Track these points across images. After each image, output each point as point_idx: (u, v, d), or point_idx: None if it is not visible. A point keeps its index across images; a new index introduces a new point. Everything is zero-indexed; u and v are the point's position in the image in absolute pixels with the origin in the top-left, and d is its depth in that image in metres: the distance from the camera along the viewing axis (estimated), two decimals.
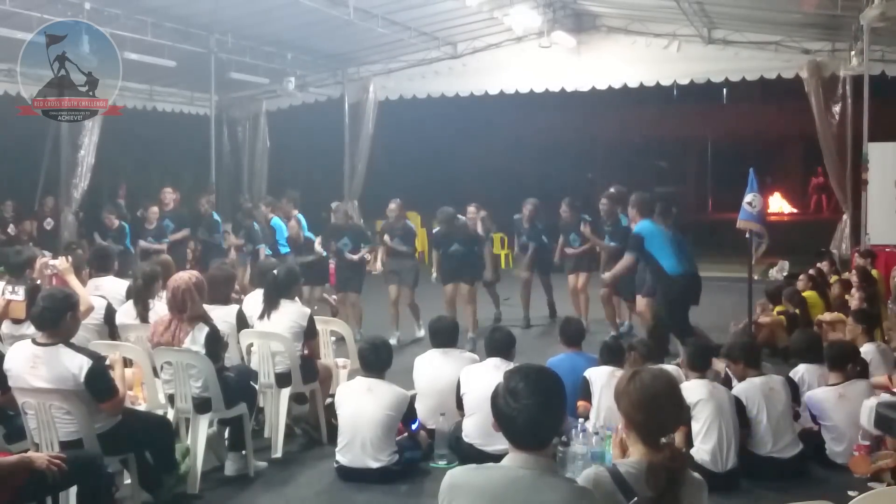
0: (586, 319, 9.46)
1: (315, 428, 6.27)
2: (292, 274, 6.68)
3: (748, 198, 8.14)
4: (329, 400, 6.24)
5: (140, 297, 6.28)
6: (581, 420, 5.34)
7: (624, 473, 2.81)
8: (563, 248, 10.39)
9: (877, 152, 11.40)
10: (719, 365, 6.29)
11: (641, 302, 8.74)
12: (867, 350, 6.53)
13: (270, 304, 6.36)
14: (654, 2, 12.41)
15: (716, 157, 26.83)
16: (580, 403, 5.74)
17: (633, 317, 9.89)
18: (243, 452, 5.62)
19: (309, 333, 6.33)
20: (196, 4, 11.80)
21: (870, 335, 6.81)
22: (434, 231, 10.29)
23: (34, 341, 4.64)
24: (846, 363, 5.86)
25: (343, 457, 5.50)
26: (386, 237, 10.14)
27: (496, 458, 2.90)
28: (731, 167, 21.10)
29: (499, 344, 5.93)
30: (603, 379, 5.74)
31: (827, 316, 8.59)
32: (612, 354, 6.11)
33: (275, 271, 6.59)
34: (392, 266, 10.06)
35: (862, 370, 6.07)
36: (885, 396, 5.32)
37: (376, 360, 5.70)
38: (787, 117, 21.55)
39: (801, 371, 6.21)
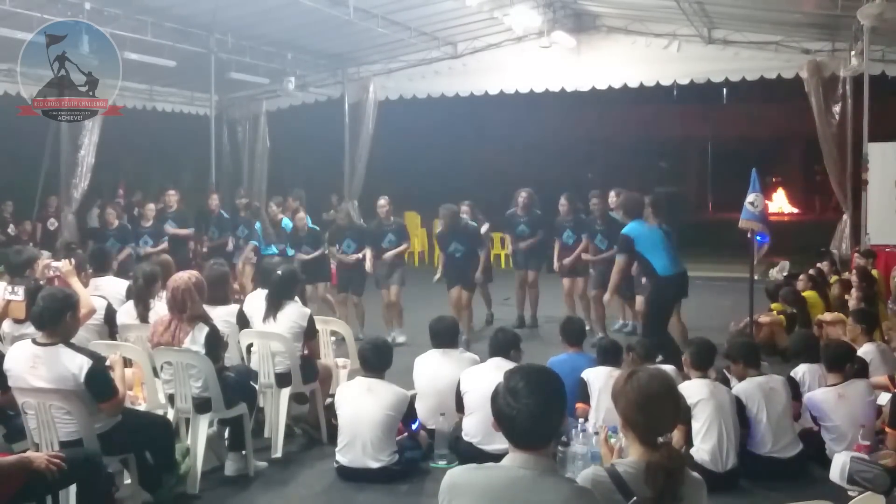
0: (589, 322, 9.40)
1: (315, 428, 6.28)
2: (293, 275, 6.68)
3: (750, 198, 8.13)
4: (329, 400, 6.24)
5: (140, 297, 6.29)
6: (581, 420, 5.34)
7: (622, 473, 2.82)
8: (561, 249, 10.22)
9: (877, 152, 11.39)
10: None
11: (640, 301, 8.73)
12: (867, 350, 6.53)
13: (274, 306, 6.36)
14: (654, 2, 12.41)
15: (716, 157, 26.83)
16: (578, 406, 5.71)
17: (635, 317, 9.87)
18: (243, 452, 5.62)
19: (309, 333, 6.33)
20: (196, 4, 11.80)
21: (869, 335, 6.81)
22: (437, 232, 10.21)
23: (34, 341, 4.64)
24: (844, 363, 5.85)
25: (343, 457, 5.50)
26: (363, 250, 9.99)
27: (496, 457, 2.90)
28: (731, 167, 21.12)
29: (502, 344, 5.92)
30: (601, 380, 5.73)
31: (827, 316, 8.59)
32: (607, 355, 6.09)
33: (278, 271, 6.59)
34: (380, 267, 9.85)
35: (860, 369, 6.07)
36: (858, 455, 5.29)
37: (377, 360, 5.71)
38: (787, 117, 21.57)
39: (801, 370, 6.21)
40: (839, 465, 5.20)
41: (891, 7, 9.11)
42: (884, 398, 5.76)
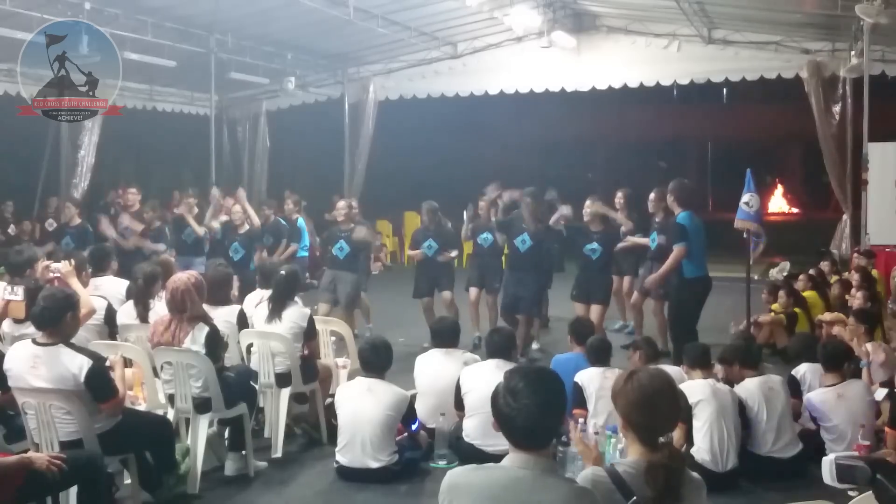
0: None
1: (315, 428, 6.28)
2: (295, 276, 6.69)
3: (745, 198, 8.14)
4: (329, 400, 6.24)
5: (140, 297, 6.29)
6: (581, 420, 5.33)
7: (622, 473, 2.82)
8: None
9: (877, 152, 11.39)
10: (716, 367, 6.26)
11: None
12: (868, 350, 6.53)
13: (278, 307, 6.35)
14: (654, 2, 12.42)
15: (716, 157, 26.82)
16: (576, 412, 5.57)
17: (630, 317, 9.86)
18: (243, 452, 5.62)
19: (309, 334, 6.33)
20: (196, 4, 11.80)
21: (870, 335, 6.81)
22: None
23: (34, 341, 4.64)
24: (842, 363, 5.85)
25: (343, 457, 5.50)
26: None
27: (496, 458, 2.90)
28: (730, 167, 21.05)
29: (498, 345, 5.91)
30: (595, 382, 5.67)
31: (827, 316, 8.59)
32: (598, 354, 5.98)
33: (281, 272, 6.59)
34: (329, 277, 9.28)
35: (856, 369, 6.08)
36: (842, 453, 5.29)
37: (376, 360, 5.71)
38: (787, 117, 21.54)
39: (803, 369, 6.20)
40: (826, 466, 5.17)
41: (888, 13, 9.11)
42: (880, 394, 5.78)
